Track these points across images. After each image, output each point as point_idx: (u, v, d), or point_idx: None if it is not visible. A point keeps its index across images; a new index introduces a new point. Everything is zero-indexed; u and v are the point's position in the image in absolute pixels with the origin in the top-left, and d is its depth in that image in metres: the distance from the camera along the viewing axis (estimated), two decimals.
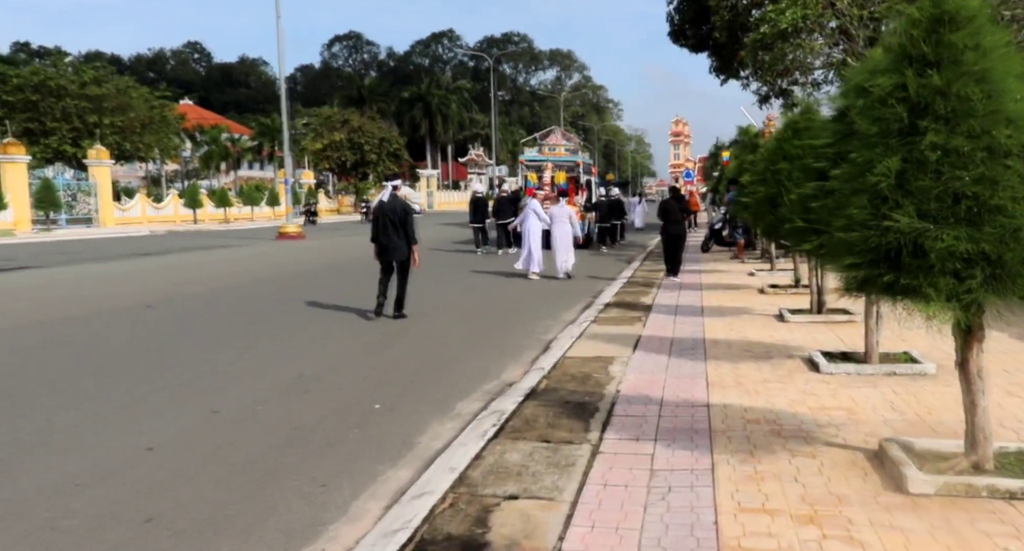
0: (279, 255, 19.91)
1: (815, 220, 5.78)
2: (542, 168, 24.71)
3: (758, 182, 10.80)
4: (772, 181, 8.31)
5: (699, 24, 26.24)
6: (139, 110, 43.35)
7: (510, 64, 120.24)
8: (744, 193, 13.19)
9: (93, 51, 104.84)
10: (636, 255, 19.22)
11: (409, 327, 9.01)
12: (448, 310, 10.37)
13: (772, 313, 9.00)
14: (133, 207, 39.14)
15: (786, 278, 12.20)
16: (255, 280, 14.12)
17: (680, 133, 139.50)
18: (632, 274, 14.34)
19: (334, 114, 57.42)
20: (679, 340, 7.58)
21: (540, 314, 9.95)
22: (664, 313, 9.36)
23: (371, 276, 10.24)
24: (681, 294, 11.10)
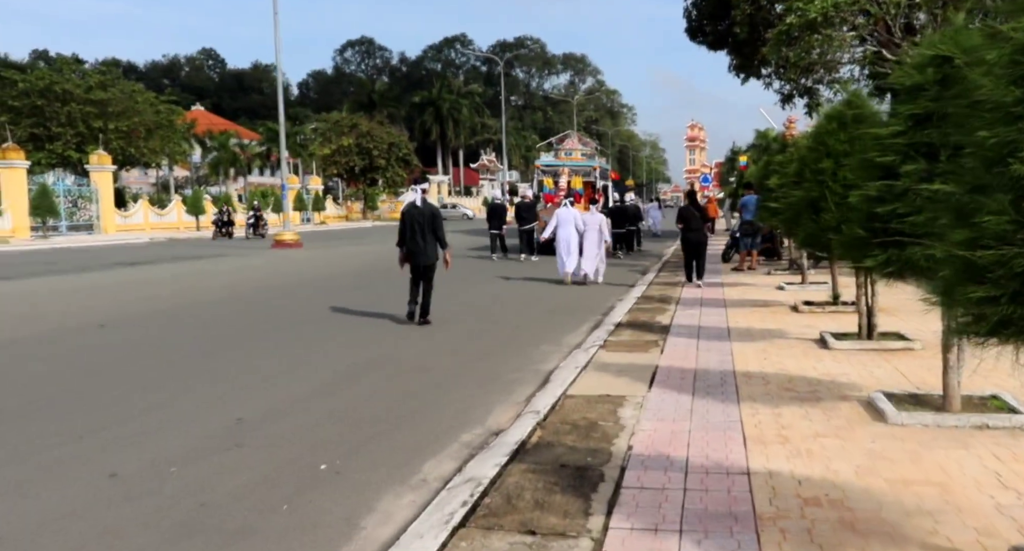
0: (270, 265, 18.81)
1: (881, 229, 4.53)
2: (558, 173, 23.97)
3: (791, 185, 9.56)
4: (813, 183, 7.05)
5: (718, 19, 24.96)
6: (145, 115, 42.58)
7: (523, 69, 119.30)
8: (772, 197, 11.94)
9: (110, 58, 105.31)
10: (651, 265, 17.94)
11: (391, 352, 7.81)
12: (438, 329, 9.16)
13: (811, 337, 7.72)
14: (135, 214, 38.30)
15: (821, 293, 10.88)
16: (233, 295, 12.98)
17: (696, 138, 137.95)
18: (648, 287, 13.07)
19: (342, 119, 56.53)
20: (704, 373, 6.32)
21: (542, 336, 8.72)
22: (684, 336, 8.10)
23: (362, 291, 9.16)
24: (703, 312, 9.82)
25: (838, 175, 6.78)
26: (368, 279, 15.17)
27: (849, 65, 23.03)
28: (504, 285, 14.62)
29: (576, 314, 10.45)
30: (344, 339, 8.48)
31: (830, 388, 5.67)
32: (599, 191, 23.77)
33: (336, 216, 56.61)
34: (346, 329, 9.17)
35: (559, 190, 22.84)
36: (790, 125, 35.55)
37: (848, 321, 8.55)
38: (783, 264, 16.20)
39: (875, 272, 4.66)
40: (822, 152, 6.94)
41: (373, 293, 12.74)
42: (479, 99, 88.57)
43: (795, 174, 9.50)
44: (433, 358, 7.52)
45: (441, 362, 7.33)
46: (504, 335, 8.89)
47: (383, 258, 20.45)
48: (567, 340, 8.45)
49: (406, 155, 56.91)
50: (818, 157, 7.01)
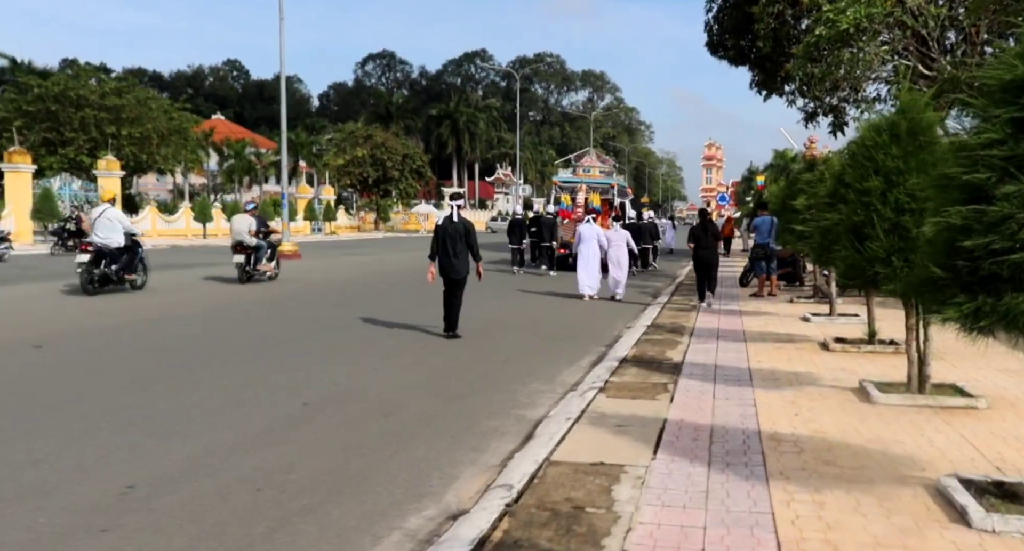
0: None
1: (968, 268, 3.41)
2: (576, 190, 23.69)
3: (823, 207, 8.42)
4: (857, 205, 5.90)
5: (740, 34, 23.89)
6: (158, 121, 42.07)
7: (542, 84, 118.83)
8: (798, 219, 10.80)
9: (136, 68, 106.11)
10: (663, 287, 16.77)
11: (356, 385, 6.72)
12: (421, 360, 8.07)
13: (849, 385, 6.54)
14: (143, 220, 37.56)
15: (853, 328, 9.69)
16: (201, 310, 11.97)
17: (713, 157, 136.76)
18: (658, 313, 11.92)
19: (357, 129, 55.90)
20: (722, 433, 5.17)
21: (535, 370, 7.60)
22: (698, 378, 6.95)
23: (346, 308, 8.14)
24: (720, 347, 8.66)
25: (888, 196, 5.64)
26: (358, 295, 14.13)
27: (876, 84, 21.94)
28: (513, 302, 13.57)
29: (578, 343, 9.33)
30: (306, 368, 7.40)
31: (882, 463, 4.50)
32: (616, 208, 23.44)
33: (348, 227, 55.84)
34: (313, 354, 8.11)
35: (576, 206, 22.68)
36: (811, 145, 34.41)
37: (889, 364, 7.38)
38: (806, 291, 14.98)
39: (959, 325, 3.52)
40: (869, 169, 5.81)
41: (359, 310, 11.68)
42: (497, 113, 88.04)
43: (829, 194, 8.38)
44: (403, 395, 6.42)
45: (412, 402, 6.22)
46: (493, 367, 7.78)
47: (382, 272, 19.47)
48: (562, 377, 7.33)
49: (420, 167, 56.15)
50: (863, 175, 5.87)
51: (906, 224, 5.60)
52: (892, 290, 5.72)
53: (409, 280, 17.65)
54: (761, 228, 14.49)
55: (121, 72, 72.05)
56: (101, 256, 12.96)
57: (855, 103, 22.86)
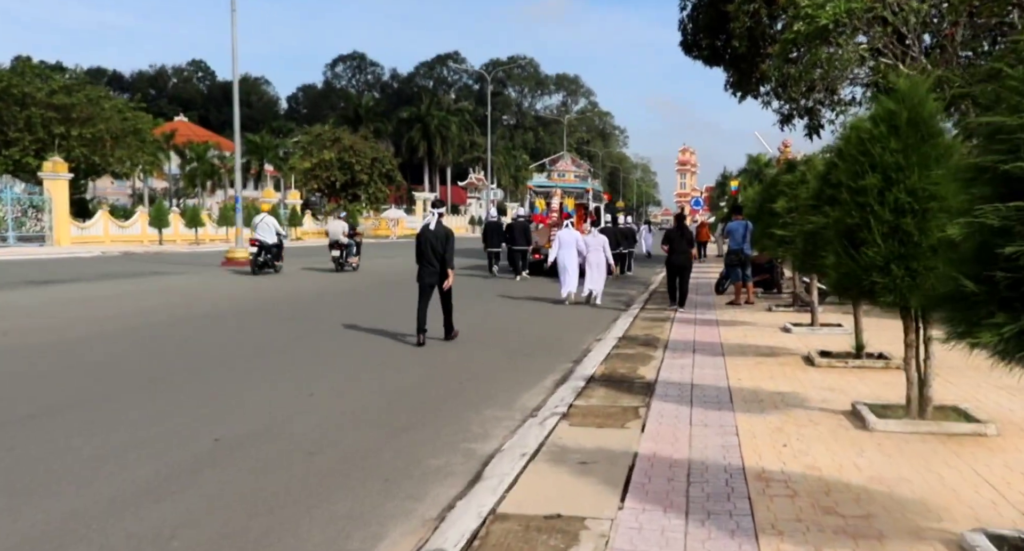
0: (204, 288, 16.85)
1: (1008, 281, 2.71)
2: (551, 194, 23.31)
3: (806, 209, 7.78)
4: (851, 205, 5.21)
5: (715, 33, 23.40)
6: (111, 122, 40.60)
7: (515, 88, 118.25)
8: (778, 223, 10.17)
9: (95, 67, 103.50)
10: (637, 295, 16.10)
11: (283, 419, 5.88)
12: (368, 381, 7.26)
13: (841, 407, 5.86)
14: (94, 225, 36.19)
15: (838, 339, 9.06)
16: (127, 327, 11.02)
17: (687, 162, 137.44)
18: (631, 323, 11.21)
19: (324, 132, 54.75)
20: (701, 470, 4.44)
21: (493, 393, 6.83)
22: (673, 401, 6.22)
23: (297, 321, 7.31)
24: (696, 362, 7.96)
25: (887, 196, 4.96)
26: (312, 306, 13.25)
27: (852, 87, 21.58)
28: (483, 310, 12.81)
29: (543, 358, 8.57)
30: (231, 396, 6.55)
31: (891, 510, 3.79)
32: (591, 213, 23.21)
33: (316, 232, 54.57)
34: (246, 378, 7.26)
35: (551, 211, 22.46)
36: (785, 149, 34.14)
37: (881, 382, 6.72)
38: (785, 299, 14.40)
39: (995, 351, 2.82)
40: (864, 165, 5.13)
41: (309, 324, 10.82)
42: (469, 116, 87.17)
43: (813, 196, 7.74)
44: (338, 427, 5.61)
45: (346, 436, 5.41)
46: (448, 389, 6.99)
47: (341, 280, 18.54)
48: (523, 401, 6.55)
49: (389, 171, 55.23)
50: (858, 171, 5.19)
51: (907, 227, 4.92)
52: (891, 302, 5.03)
53: (370, 289, 16.80)
54: (735, 233, 13.87)
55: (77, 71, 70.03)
56: (262, 249, 19.07)
57: (831, 106, 22.50)
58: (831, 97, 21.99)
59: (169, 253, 31.09)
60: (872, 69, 16.52)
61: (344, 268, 20.77)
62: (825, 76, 17.13)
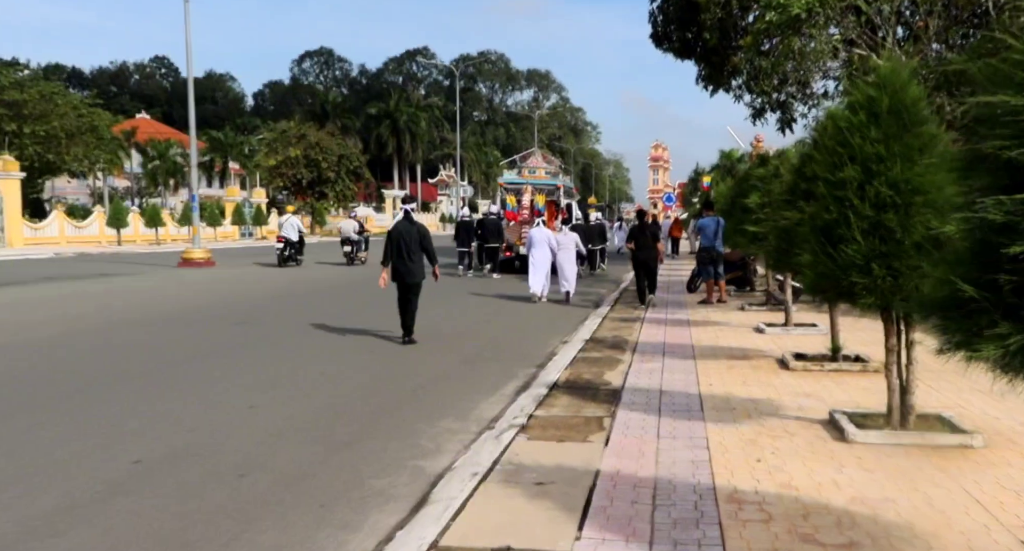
0: (157, 289, 16.18)
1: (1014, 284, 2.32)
2: (521, 191, 23.33)
3: (780, 204, 7.44)
4: (829, 200, 4.84)
5: (686, 25, 23.07)
6: (67, 119, 39.32)
7: (486, 84, 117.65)
8: (750, 219, 9.84)
9: (53, 64, 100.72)
10: (607, 293, 15.73)
11: (217, 432, 5.38)
12: (313, 390, 6.77)
13: (817, 415, 5.50)
14: (48, 226, 34.99)
15: (813, 340, 8.76)
16: (69, 331, 10.38)
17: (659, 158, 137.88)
18: (599, 324, 10.82)
19: (290, 128, 53.68)
20: (668, 489, 4.03)
21: (449, 401, 6.38)
22: (640, 409, 5.82)
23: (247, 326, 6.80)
24: (666, 365, 7.57)
25: (867, 189, 4.60)
26: (265, 309, 12.66)
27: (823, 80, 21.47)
28: (450, 309, 12.34)
29: (505, 363, 8.14)
30: (164, 409, 6.01)
31: (876, 537, 3.40)
32: (563, 210, 23.03)
33: None
34: (187, 388, 6.72)
35: (522, 208, 22.24)
36: (757, 144, 34.07)
37: (859, 387, 6.39)
38: (758, 297, 14.12)
39: (999, 365, 2.44)
40: (843, 156, 4.76)
41: (259, 329, 10.27)
42: (439, 112, 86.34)
43: (787, 190, 7.40)
44: (275, 443, 5.12)
45: (282, 453, 4.92)
46: (401, 397, 6.53)
47: (302, 281, 17.92)
48: (480, 411, 6.11)
49: (357, 168, 54.31)
50: (836, 163, 4.82)
51: (889, 223, 4.56)
52: (871, 304, 4.68)
53: (329, 288, 16.23)
54: (707, 230, 13.53)
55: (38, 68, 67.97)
56: (287, 245, 22.06)
57: (803, 99, 22.31)
58: (803, 91, 21.86)
59: (127, 254, 30.13)
60: (845, 61, 16.35)
61: (354, 263, 22.99)
62: (798, 68, 16.93)
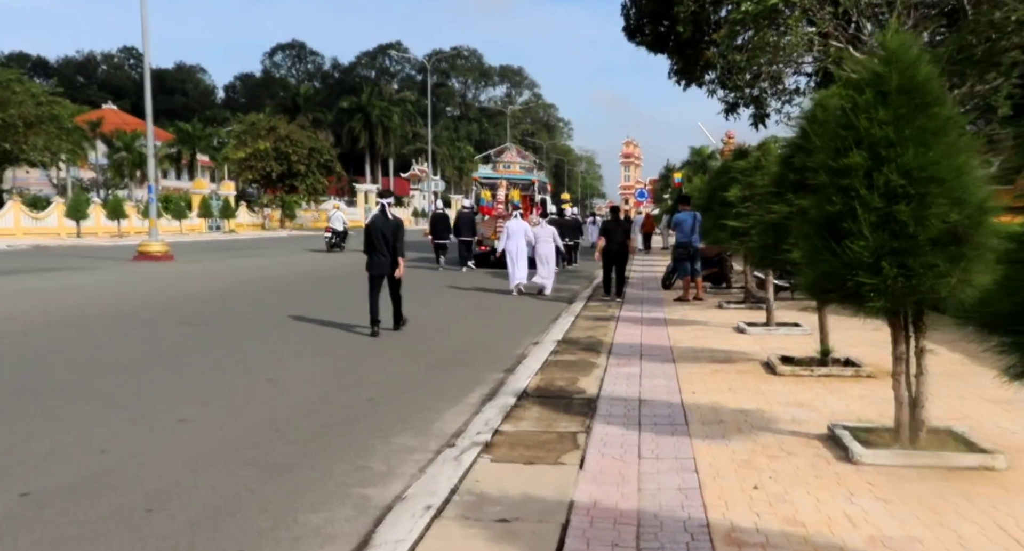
0: (105, 285, 15.29)
1: None
2: (496, 185, 23.12)
3: (767, 197, 6.91)
4: (832, 189, 4.28)
5: (659, 18, 22.62)
6: (24, 107, 37.85)
7: (459, 79, 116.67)
8: (731, 214, 9.31)
9: (17, 52, 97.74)
10: (580, 290, 15.17)
11: (135, 454, 4.68)
12: (254, 402, 6.08)
13: (815, 429, 4.95)
14: (3, 217, 33.60)
15: (797, 340, 8.26)
16: None
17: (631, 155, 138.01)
18: (572, 323, 10.24)
19: (259, 121, 52.44)
20: (654, 527, 3.44)
21: (408, 413, 5.74)
22: (619, 423, 5.23)
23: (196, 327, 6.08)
24: (644, 370, 7.00)
25: (876, 178, 4.04)
26: (219, 306, 11.89)
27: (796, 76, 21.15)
28: (419, 306, 11.59)
29: (473, 366, 7.52)
30: (76, 428, 5.29)
31: None
32: (537, 204, 23.06)
33: (251, 225, 52.34)
34: (105, 402, 5.99)
35: (497, 202, 22.18)
36: (729, 140, 33.74)
37: (854, 395, 5.87)
38: (735, 294, 13.65)
39: None
40: (848, 140, 4.21)
41: (207, 330, 9.52)
42: (412, 107, 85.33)
43: (774, 182, 6.86)
44: (196, 469, 4.43)
45: (204, 481, 4.24)
46: (354, 408, 5.87)
47: (264, 276, 17.11)
48: (442, 423, 5.48)
49: (328, 161, 53.30)
50: (840, 148, 4.26)
51: (900, 216, 4.00)
52: (881, 307, 4.12)
53: (283, 286, 15.45)
54: (683, 225, 12.99)
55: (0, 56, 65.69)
56: (334, 234, 26.14)
57: (775, 95, 21.98)
58: (776, 87, 21.51)
59: (85, 246, 28.94)
60: (820, 54, 15.93)
61: (333, 249, 25.94)
62: (772, 61, 16.50)
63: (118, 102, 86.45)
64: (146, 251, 20.53)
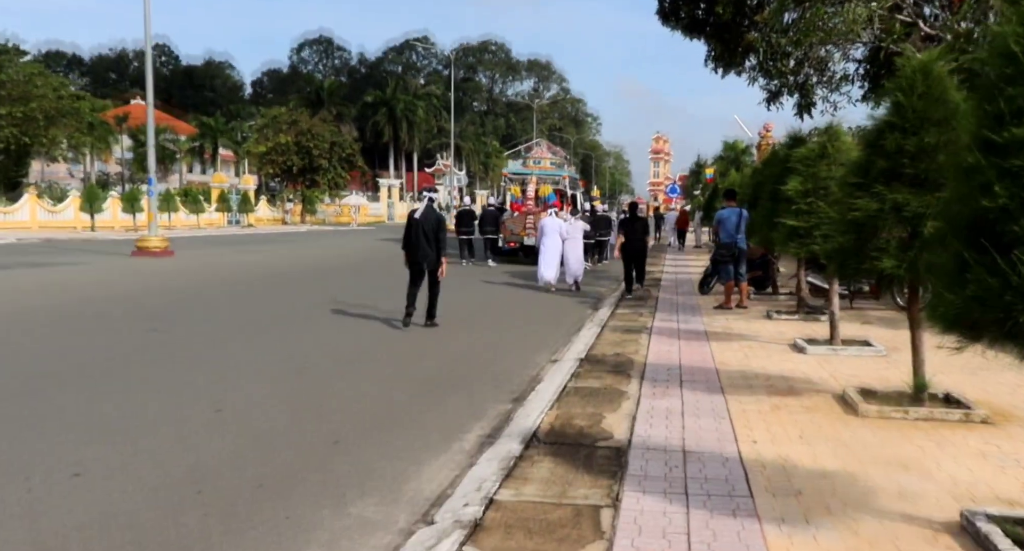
0: (101, 282, 14.20)
1: None
2: (526, 181, 22.72)
3: (845, 189, 5.48)
4: (991, 175, 2.83)
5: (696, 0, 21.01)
6: (45, 100, 37.37)
7: (486, 73, 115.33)
8: (790, 211, 7.83)
9: (53, 50, 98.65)
10: (607, 294, 13.72)
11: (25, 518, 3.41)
12: (201, 434, 4.78)
13: (941, 513, 3.50)
14: (19, 210, 33.01)
15: (871, 363, 6.79)
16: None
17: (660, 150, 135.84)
18: (598, 334, 8.85)
19: (281, 114, 51.59)
20: None
21: (380, 461, 4.41)
22: (656, 491, 3.83)
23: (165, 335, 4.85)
24: (687, 402, 5.59)
25: None
26: (198, 306, 10.66)
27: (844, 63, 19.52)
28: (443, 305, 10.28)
29: (474, 391, 6.18)
30: None
31: None
32: (568, 200, 22.76)
33: (271, 219, 51.54)
34: (49, 429, 4.74)
35: (527, 199, 21.97)
36: (767, 133, 31.95)
37: (975, 451, 4.41)
38: (782, 300, 12.12)
39: None
40: (1014, 103, 2.77)
41: (168, 337, 8.27)
42: (437, 101, 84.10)
43: (857, 170, 5.42)
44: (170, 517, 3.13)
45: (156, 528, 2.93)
46: (309, 454, 4.55)
47: (260, 274, 15.80)
48: (420, 482, 4.14)
49: (350, 155, 52.30)
50: (998, 116, 2.82)
51: None
52: None
53: (278, 282, 14.18)
54: (727, 223, 11.41)
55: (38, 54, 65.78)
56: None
57: (822, 83, 20.39)
58: (821, 75, 19.96)
59: (96, 240, 28.11)
60: (880, 32, 14.29)
61: None
62: (826, 40, 14.91)
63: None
64: (144, 246, 19.47)
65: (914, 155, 4.96)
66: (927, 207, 4.85)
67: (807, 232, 7.42)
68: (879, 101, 5.63)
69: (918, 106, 4.97)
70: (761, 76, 20.55)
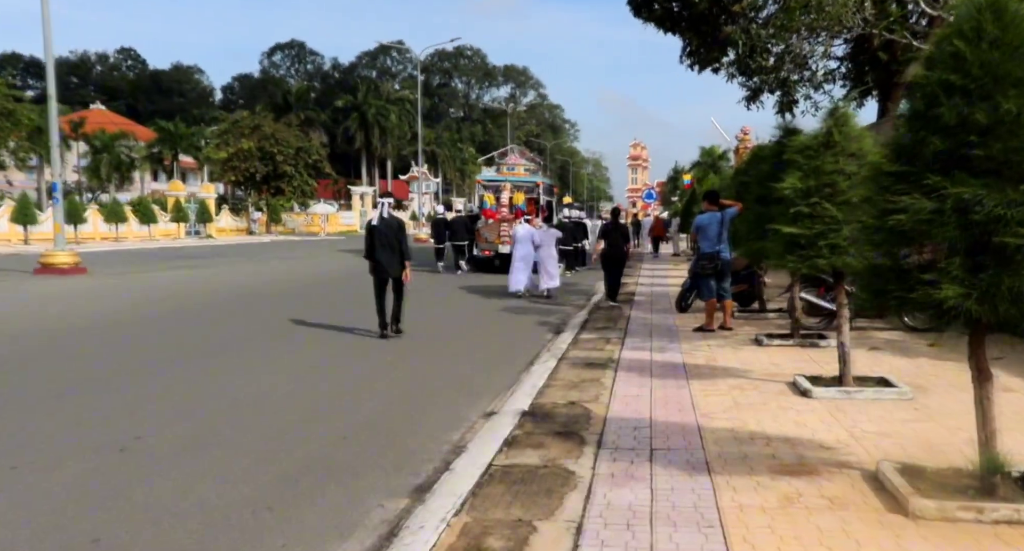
0: None
1: None
2: (500, 188, 22.47)
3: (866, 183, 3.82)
4: None
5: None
6: None
7: (462, 79, 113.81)
8: (784, 215, 6.20)
9: (10, 52, 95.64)
10: (573, 313, 12.03)
11: None
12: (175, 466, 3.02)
13: None
14: None
15: (899, 413, 5.14)
16: None
17: (638, 157, 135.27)
18: (553, 371, 7.16)
19: (243, 119, 49.52)
20: None
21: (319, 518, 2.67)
22: None
23: None
24: (658, 494, 3.90)
25: None
26: (82, 343, 8.82)
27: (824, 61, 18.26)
28: None
29: (364, 477, 4.43)
30: None
31: None
32: (543, 208, 22.43)
33: (235, 229, 49.39)
34: None
35: (500, 206, 21.80)
36: (744, 137, 30.57)
37: None
38: (771, 319, 10.53)
39: None
40: None
41: (68, 376, 6.45)
42: (411, 107, 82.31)
43: (899, 153, 3.77)
44: None
45: None
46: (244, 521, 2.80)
47: (186, 293, 13.79)
48: None
49: (317, 162, 50.28)
50: None
51: None
52: None
53: (205, 305, 12.31)
54: (707, 231, 9.65)
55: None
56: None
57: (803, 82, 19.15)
58: (801, 72, 18.71)
59: (17, 255, 25.89)
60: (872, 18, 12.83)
61: None
62: (812, 26, 13.45)
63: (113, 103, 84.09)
64: (49, 263, 17.21)
65: (986, 130, 3.34)
66: (1009, 207, 3.23)
67: (810, 242, 5.81)
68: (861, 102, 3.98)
69: (989, 58, 3.35)
70: (739, 73, 19.16)
